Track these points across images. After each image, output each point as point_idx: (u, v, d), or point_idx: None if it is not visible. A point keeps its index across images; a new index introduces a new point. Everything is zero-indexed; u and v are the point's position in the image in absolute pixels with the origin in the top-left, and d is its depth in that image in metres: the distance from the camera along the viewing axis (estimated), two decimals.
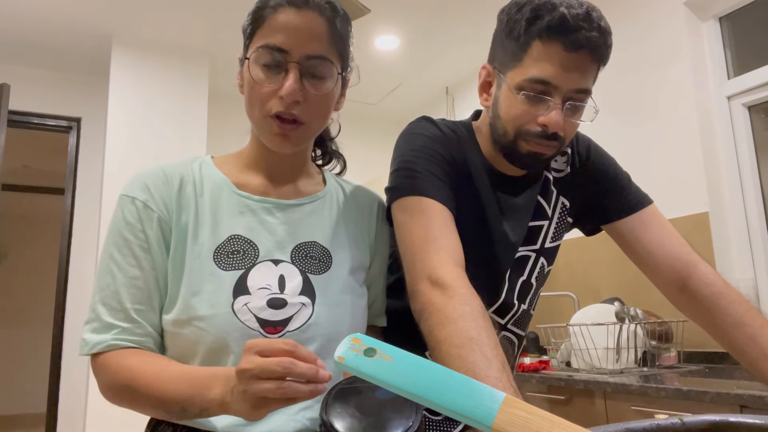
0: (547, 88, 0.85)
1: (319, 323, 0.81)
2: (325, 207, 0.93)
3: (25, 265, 6.29)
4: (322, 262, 0.87)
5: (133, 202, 0.81)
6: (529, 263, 1.02)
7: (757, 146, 2.36)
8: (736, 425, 0.54)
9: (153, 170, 0.85)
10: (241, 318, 0.77)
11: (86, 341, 0.77)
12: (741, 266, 2.30)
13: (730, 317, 0.91)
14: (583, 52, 0.84)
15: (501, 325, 1.01)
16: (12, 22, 3.19)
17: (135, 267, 0.79)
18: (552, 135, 0.87)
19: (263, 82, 0.80)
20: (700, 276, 0.96)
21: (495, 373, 0.63)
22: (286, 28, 0.79)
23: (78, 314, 3.61)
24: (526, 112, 0.87)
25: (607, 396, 1.94)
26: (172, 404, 0.71)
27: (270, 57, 0.79)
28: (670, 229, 1.02)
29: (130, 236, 0.80)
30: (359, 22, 3.09)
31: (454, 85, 4.14)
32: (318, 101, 0.82)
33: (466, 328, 0.69)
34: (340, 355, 0.43)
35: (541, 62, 0.85)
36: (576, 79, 0.85)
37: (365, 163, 4.76)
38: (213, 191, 0.85)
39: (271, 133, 0.82)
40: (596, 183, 1.04)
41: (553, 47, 0.84)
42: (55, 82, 3.75)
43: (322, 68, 0.81)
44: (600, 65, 0.89)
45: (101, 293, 0.79)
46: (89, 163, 3.77)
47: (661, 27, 2.58)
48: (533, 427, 0.39)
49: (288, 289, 0.81)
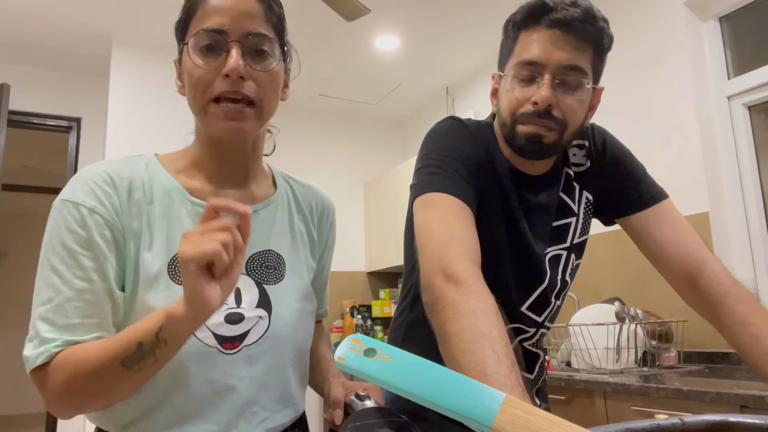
0: (534, 68, 0.89)
1: (275, 335, 0.80)
2: (278, 211, 0.90)
3: (25, 265, 6.28)
4: (277, 270, 0.85)
5: (77, 208, 0.73)
6: (562, 261, 1.03)
7: (757, 146, 2.36)
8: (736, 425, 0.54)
9: (97, 173, 0.77)
10: (198, 335, 0.74)
11: (27, 358, 0.69)
12: (741, 266, 2.30)
13: (736, 316, 0.91)
14: (566, 29, 0.87)
15: (538, 323, 1.03)
16: (12, 22, 3.19)
17: (82, 279, 0.71)
18: (545, 112, 0.89)
19: (203, 66, 0.75)
20: (709, 274, 0.96)
21: (504, 371, 0.63)
22: (220, 9, 0.76)
23: None
24: (519, 96, 0.91)
25: (607, 396, 1.94)
26: (126, 350, 0.65)
27: (208, 40, 0.75)
28: (684, 225, 1.02)
29: (74, 246, 0.71)
30: (359, 22, 3.09)
31: (454, 85, 4.14)
32: (264, 79, 0.77)
33: (478, 324, 0.69)
34: (340, 356, 0.43)
35: (528, 46, 0.90)
36: (562, 57, 0.88)
37: (365, 163, 4.78)
38: (163, 198, 0.79)
39: (217, 119, 0.76)
40: (613, 174, 1.05)
41: (537, 31, 0.89)
42: (55, 82, 3.76)
43: (264, 44, 0.77)
44: (594, 47, 0.90)
45: (41, 308, 0.70)
46: (89, 163, 3.73)
47: (661, 27, 2.58)
48: (533, 427, 0.39)
49: (245, 302, 0.79)
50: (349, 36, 3.45)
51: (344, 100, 4.42)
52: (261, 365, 0.79)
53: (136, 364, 0.66)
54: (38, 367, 0.69)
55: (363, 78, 4.04)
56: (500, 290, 0.76)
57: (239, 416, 0.77)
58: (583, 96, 0.91)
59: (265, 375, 0.79)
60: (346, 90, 4.24)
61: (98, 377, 0.67)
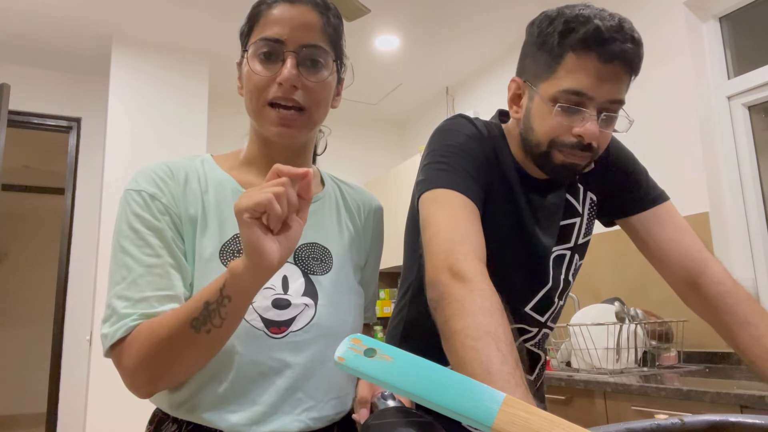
0: (582, 99, 0.86)
1: (322, 324, 0.82)
2: (325, 208, 0.93)
3: (25, 265, 6.29)
4: (324, 263, 0.87)
5: (140, 194, 0.79)
6: (565, 261, 1.04)
7: (757, 146, 2.36)
8: (736, 425, 0.54)
9: (157, 165, 0.84)
10: (246, 318, 0.77)
11: (105, 336, 0.73)
12: (741, 266, 2.30)
13: (736, 316, 0.91)
14: (617, 63, 0.84)
15: (541, 323, 1.03)
16: (12, 22, 3.19)
17: (152, 256, 0.76)
18: (587, 146, 0.88)
19: (261, 72, 0.81)
20: (710, 274, 0.96)
21: (509, 369, 0.63)
22: (281, 20, 0.81)
23: (78, 314, 3.61)
24: (560, 124, 0.88)
25: (607, 396, 1.94)
26: (194, 311, 0.68)
27: (267, 48, 0.81)
28: (684, 226, 1.02)
29: (141, 227, 0.77)
30: (359, 22, 3.09)
31: (454, 85, 4.14)
32: (316, 89, 0.83)
33: (484, 322, 0.69)
34: (340, 356, 0.43)
35: (576, 74, 0.85)
36: (610, 90, 0.86)
37: (365, 163, 4.78)
38: (217, 189, 0.85)
39: (271, 124, 0.82)
40: (615, 176, 1.06)
41: (588, 59, 0.84)
42: (55, 82, 3.76)
43: (318, 56, 0.83)
44: (633, 76, 0.89)
45: (117, 287, 0.75)
46: (89, 163, 3.78)
47: (661, 27, 2.58)
48: (533, 427, 0.39)
49: (291, 289, 0.82)
50: (349, 36, 3.43)
51: (344, 100, 4.39)
52: (307, 352, 0.81)
53: (204, 325, 0.69)
54: (116, 343, 0.72)
55: (363, 78, 4.03)
56: (505, 289, 0.76)
57: (284, 400, 0.78)
58: (616, 125, 0.91)
59: (310, 362, 0.81)
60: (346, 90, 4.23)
61: (170, 343, 0.70)
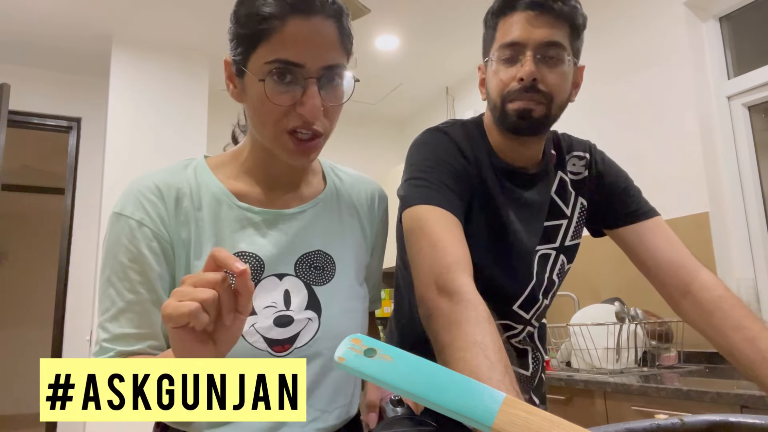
0: (516, 48, 0.94)
1: (326, 336, 0.81)
2: (326, 209, 0.91)
3: (25, 265, 6.28)
4: (326, 271, 0.86)
5: (127, 222, 0.76)
6: (550, 261, 1.05)
7: (757, 146, 2.35)
8: (736, 425, 0.54)
9: (146, 185, 0.79)
10: (249, 340, 0.76)
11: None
12: (741, 266, 2.30)
13: (730, 320, 0.92)
14: (540, 10, 0.92)
15: (526, 320, 1.04)
16: (12, 22, 3.19)
17: (131, 292, 0.75)
18: (531, 87, 0.92)
19: (279, 101, 0.74)
20: (702, 281, 0.98)
21: (498, 376, 0.64)
22: (298, 40, 0.73)
23: (78, 314, 3.61)
24: (504, 77, 0.95)
25: (607, 396, 1.94)
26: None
27: (284, 73, 0.73)
28: (675, 238, 1.05)
29: (124, 259, 0.76)
30: (359, 22, 3.09)
31: (454, 85, 4.14)
32: (335, 110, 0.79)
33: (470, 332, 0.70)
34: (340, 356, 0.43)
35: (507, 30, 0.95)
36: (541, 34, 0.92)
37: (365, 163, 4.77)
38: (212, 204, 0.81)
39: (287, 150, 0.78)
40: (609, 187, 1.08)
41: (514, 15, 0.94)
42: (55, 82, 3.76)
43: (339, 76, 0.77)
44: (569, 24, 0.94)
45: (102, 316, 0.77)
46: (89, 163, 3.77)
47: (661, 27, 2.57)
48: (533, 427, 0.39)
49: (294, 304, 0.80)
50: None
51: None
52: (312, 366, 0.80)
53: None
54: None
55: (363, 78, 4.02)
56: (493, 288, 0.77)
57: None
58: (565, 69, 0.94)
59: (315, 376, 0.80)
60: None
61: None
